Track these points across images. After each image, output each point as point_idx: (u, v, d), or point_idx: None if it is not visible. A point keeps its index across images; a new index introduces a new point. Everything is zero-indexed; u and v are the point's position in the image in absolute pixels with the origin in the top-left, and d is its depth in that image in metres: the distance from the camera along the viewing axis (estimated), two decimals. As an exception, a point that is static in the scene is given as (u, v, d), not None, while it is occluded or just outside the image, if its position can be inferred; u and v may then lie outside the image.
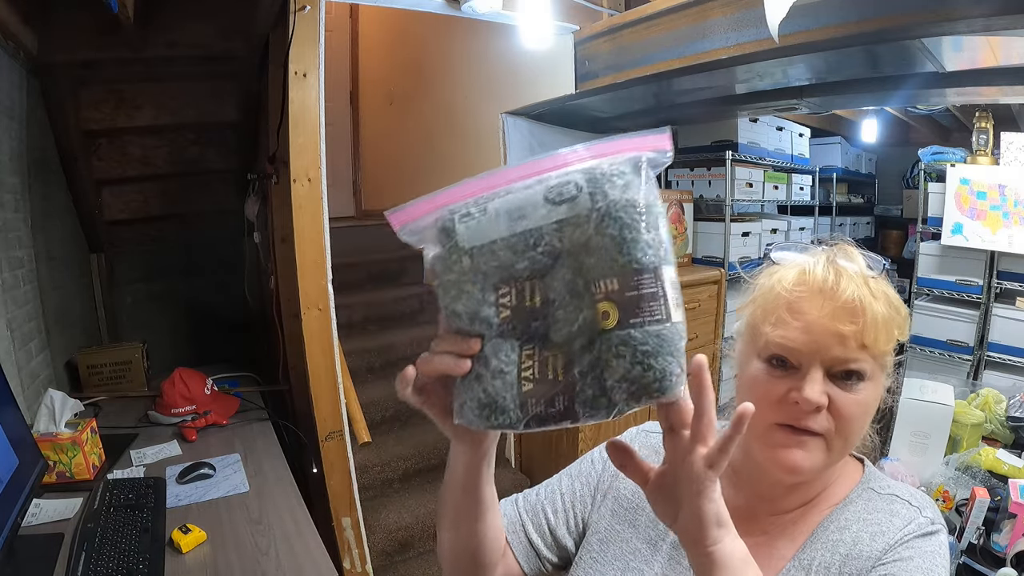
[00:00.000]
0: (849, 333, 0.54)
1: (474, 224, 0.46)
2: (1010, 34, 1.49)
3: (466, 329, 0.47)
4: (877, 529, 0.58)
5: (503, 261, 0.46)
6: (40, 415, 1.37)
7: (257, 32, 1.91)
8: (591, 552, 0.68)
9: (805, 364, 0.55)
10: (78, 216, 2.40)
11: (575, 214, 0.44)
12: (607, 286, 0.43)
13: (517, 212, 0.45)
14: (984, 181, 2.72)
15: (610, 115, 2.74)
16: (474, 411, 0.47)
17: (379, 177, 3.95)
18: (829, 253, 0.59)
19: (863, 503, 0.61)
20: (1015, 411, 1.68)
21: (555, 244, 0.45)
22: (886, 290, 0.58)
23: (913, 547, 0.56)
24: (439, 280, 0.48)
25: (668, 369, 0.42)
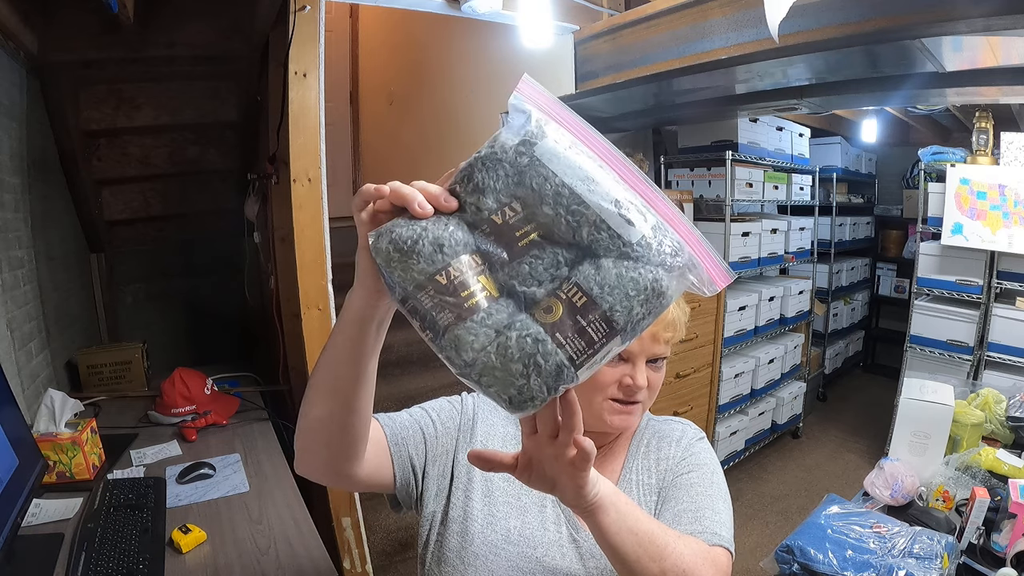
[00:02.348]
0: (669, 339, 0.77)
1: (557, 149, 0.47)
2: (1010, 34, 1.49)
3: (459, 193, 0.48)
4: (668, 440, 0.85)
5: (541, 191, 0.46)
6: (40, 415, 1.37)
7: (257, 32, 1.91)
8: (475, 491, 0.79)
9: (635, 358, 0.76)
10: (78, 216, 2.40)
11: (619, 234, 0.45)
12: (576, 296, 0.45)
13: (588, 180, 0.46)
14: (984, 181, 2.72)
15: (610, 115, 2.74)
16: (390, 244, 0.46)
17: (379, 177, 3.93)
18: None
19: (653, 427, 0.88)
20: (1015, 411, 1.67)
21: (582, 231, 0.46)
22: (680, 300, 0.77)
23: (695, 447, 0.84)
24: (489, 149, 0.48)
25: (534, 393, 0.44)
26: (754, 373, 3.13)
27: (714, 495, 0.78)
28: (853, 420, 3.88)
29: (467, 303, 0.45)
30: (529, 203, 0.47)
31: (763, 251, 3.13)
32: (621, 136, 3.11)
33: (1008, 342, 2.71)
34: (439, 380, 2.81)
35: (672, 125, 3.31)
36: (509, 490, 0.79)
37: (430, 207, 0.47)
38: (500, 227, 0.47)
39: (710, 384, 2.90)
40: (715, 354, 2.89)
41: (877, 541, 1.26)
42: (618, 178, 0.47)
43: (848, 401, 4.27)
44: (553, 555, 0.76)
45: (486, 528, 0.77)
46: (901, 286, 4.65)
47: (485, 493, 0.79)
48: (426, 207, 0.47)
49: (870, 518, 1.36)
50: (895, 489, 1.47)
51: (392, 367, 2.89)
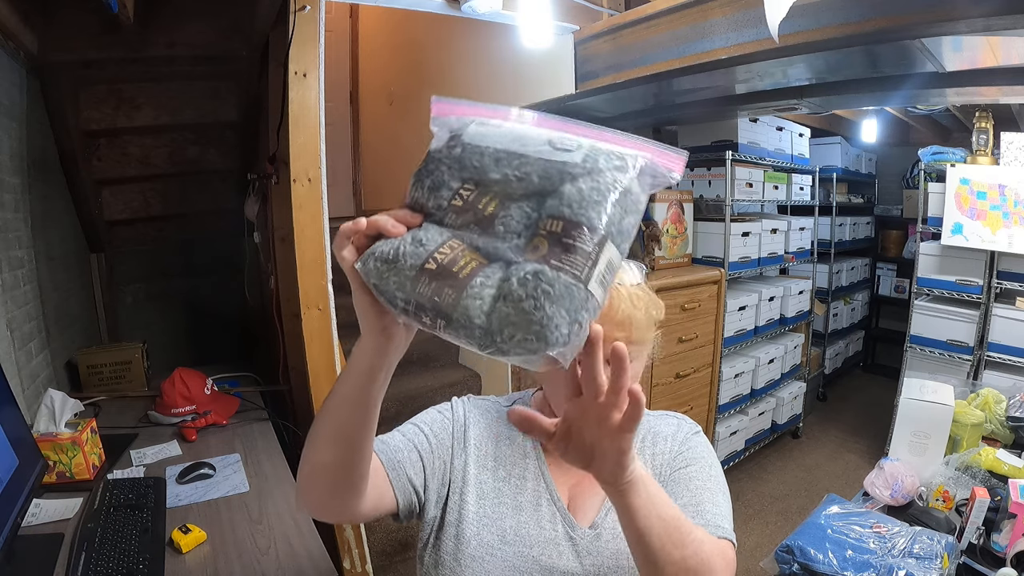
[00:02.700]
0: (621, 338, 0.71)
1: (483, 129, 0.51)
2: (1010, 34, 1.49)
3: (421, 202, 0.51)
4: (663, 436, 0.83)
5: (483, 164, 0.50)
6: (40, 415, 1.37)
7: (257, 32, 1.91)
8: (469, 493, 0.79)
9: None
10: (78, 216, 2.40)
11: (563, 161, 0.48)
12: (553, 225, 0.47)
13: (519, 139, 0.50)
14: (984, 181, 2.72)
15: (610, 115, 2.74)
16: (377, 260, 0.49)
17: (379, 177, 3.95)
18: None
19: (648, 423, 0.85)
20: (1015, 411, 1.67)
21: (532, 178, 0.48)
22: (647, 295, 0.77)
23: (691, 441, 0.83)
24: (427, 158, 0.52)
25: (556, 321, 0.44)
26: (754, 373, 3.13)
27: (714, 488, 0.78)
28: (853, 420, 3.88)
29: (462, 274, 0.47)
30: (478, 179, 0.50)
31: (763, 251, 3.13)
32: (621, 136, 3.11)
33: (1008, 342, 2.71)
34: (439, 380, 2.81)
35: (672, 125, 3.31)
36: (504, 490, 0.80)
37: (401, 225, 0.51)
38: (463, 208, 0.50)
39: (710, 384, 2.90)
40: (715, 354, 2.89)
41: (877, 541, 1.26)
42: (545, 128, 0.51)
43: (848, 401, 4.27)
44: (550, 553, 0.76)
45: (481, 529, 0.77)
46: (901, 286, 4.65)
47: (479, 495, 0.79)
48: (398, 226, 0.50)
49: (870, 518, 1.36)
50: (895, 489, 1.47)
51: (392, 367, 2.89)
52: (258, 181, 2.17)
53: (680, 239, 2.95)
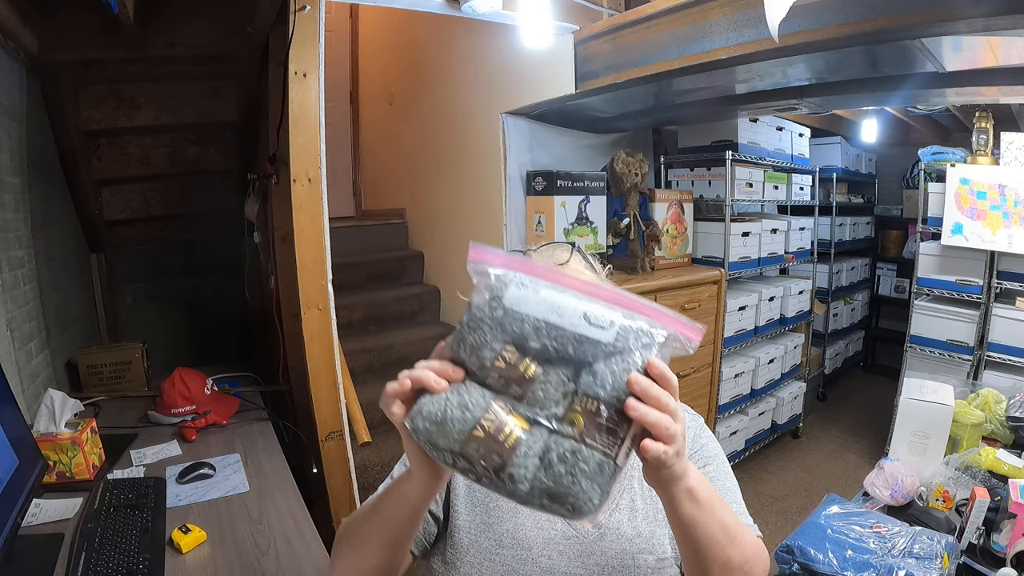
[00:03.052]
0: None
1: (522, 293, 0.55)
2: (1010, 34, 1.49)
3: (461, 359, 0.55)
4: None
5: (523, 332, 0.54)
6: (40, 415, 1.37)
7: (257, 32, 1.91)
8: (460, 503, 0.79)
9: None
10: (78, 216, 2.41)
11: (597, 340, 0.53)
12: (588, 404, 0.52)
13: (557, 310, 0.54)
14: (984, 181, 2.72)
15: (610, 115, 2.73)
16: (424, 420, 0.53)
17: (379, 177, 3.95)
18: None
19: None
20: (1015, 411, 1.67)
21: (568, 350, 0.53)
22: (580, 270, 0.77)
23: (702, 438, 0.83)
24: (470, 314, 0.56)
25: (589, 495, 0.50)
26: (754, 373, 3.13)
27: (731, 487, 0.79)
28: (853, 420, 3.88)
29: (507, 443, 0.51)
30: (518, 343, 0.54)
31: (763, 251, 3.13)
32: (621, 136, 3.11)
33: (1008, 342, 2.71)
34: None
35: (672, 125, 3.31)
36: (499, 504, 0.78)
37: (444, 380, 0.54)
38: (505, 371, 0.54)
39: (710, 384, 2.90)
40: (715, 354, 2.89)
41: (877, 541, 1.26)
42: (578, 294, 0.55)
43: (848, 401, 4.27)
44: (550, 554, 0.75)
45: (478, 536, 0.76)
46: (901, 286, 4.65)
47: (471, 504, 0.79)
48: (441, 382, 0.54)
49: (870, 518, 1.36)
50: (895, 489, 1.47)
51: (392, 367, 2.89)
52: (258, 181, 2.17)
53: (680, 239, 2.95)
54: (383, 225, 3.58)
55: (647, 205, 2.77)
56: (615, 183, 2.66)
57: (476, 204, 2.77)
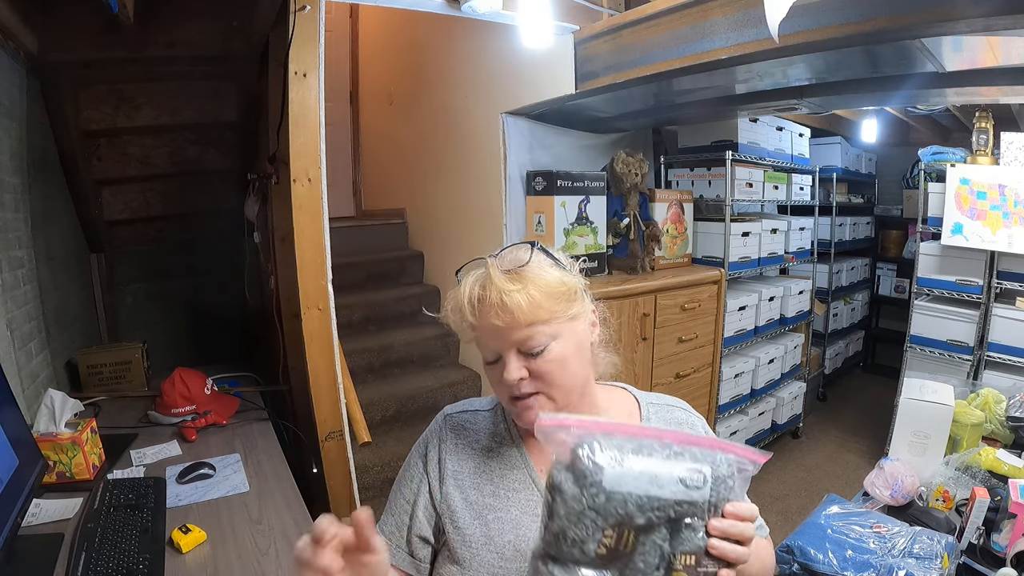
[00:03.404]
0: (508, 323, 0.70)
1: (618, 471, 0.55)
2: (1010, 34, 1.49)
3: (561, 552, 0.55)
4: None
5: (628, 511, 0.54)
6: (40, 415, 1.37)
7: (257, 32, 1.91)
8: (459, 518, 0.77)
9: (503, 355, 0.72)
10: (78, 216, 2.41)
11: (694, 500, 0.55)
12: (688, 560, 0.55)
13: (656, 480, 0.55)
14: (984, 181, 2.72)
15: (610, 115, 2.73)
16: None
17: (379, 177, 3.95)
18: (486, 267, 0.73)
19: (656, 417, 0.84)
20: (1015, 411, 1.67)
21: (670, 514, 0.55)
22: (536, 273, 0.73)
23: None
24: (566, 507, 0.54)
25: None
26: (754, 373, 3.13)
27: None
28: (853, 420, 3.88)
29: None
30: (621, 522, 0.54)
31: (763, 251, 3.13)
32: (621, 136, 3.11)
33: (1008, 342, 2.71)
34: (439, 380, 2.81)
35: (672, 125, 3.31)
36: (496, 506, 0.77)
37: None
38: (606, 555, 0.55)
39: (710, 384, 2.90)
40: (715, 354, 2.89)
41: (877, 541, 1.26)
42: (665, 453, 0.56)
43: (848, 401, 4.27)
44: None
45: (479, 550, 0.75)
46: (901, 286, 4.65)
47: (474, 516, 0.77)
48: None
49: (870, 518, 1.36)
50: (895, 489, 1.47)
51: (392, 367, 2.89)
52: (258, 181, 2.17)
53: (680, 239, 2.95)
54: (383, 225, 3.58)
55: (647, 205, 2.77)
56: (615, 183, 2.66)
57: (476, 204, 2.77)
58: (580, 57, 2.18)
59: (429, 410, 2.76)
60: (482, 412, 0.86)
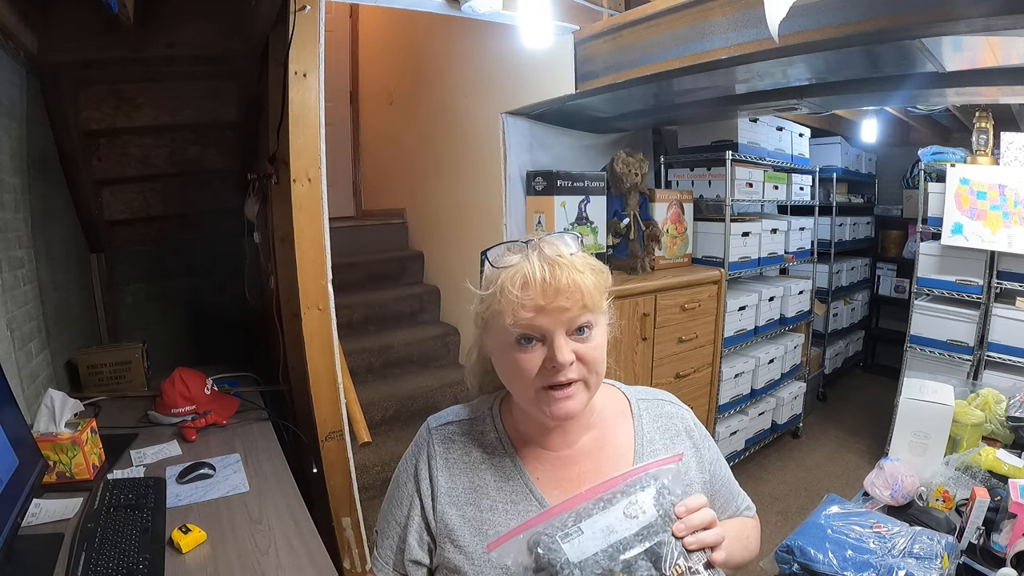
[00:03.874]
0: (572, 305, 0.70)
1: (577, 542, 0.61)
2: (1010, 34, 1.49)
3: None
4: (672, 432, 0.84)
5: (606, 567, 0.60)
6: (40, 415, 1.37)
7: (257, 32, 1.91)
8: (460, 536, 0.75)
9: (549, 335, 0.70)
10: (78, 216, 2.40)
11: (648, 523, 0.62)
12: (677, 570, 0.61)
13: (609, 528, 0.61)
14: (984, 181, 2.72)
15: (610, 115, 2.73)
16: None
17: (379, 177, 3.95)
18: (538, 249, 0.72)
19: (647, 414, 0.85)
20: (1015, 411, 1.67)
21: (639, 547, 0.61)
22: (589, 262, 0.74)
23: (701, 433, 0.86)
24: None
25: None
26: (754, 373, 3.13)
27: (729, 477, 0.88)
28: (853, 420, 3.88)
29: None
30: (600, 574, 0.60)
31: (763, 251, 3.13)
32: (621, 136, 3.11)
33: (1008, 342, 2.71)
34: (439, 380, 2.81)
35: (672, 125, 3.31)
36: (494, 520, 0.75)
37: None
38: None
39: (710, 384, 2.90)
40: (715, 354, 2.89)
41: (877, 541, 1.26)
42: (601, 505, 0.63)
43: (848, 401, 4.27)
44: None
45: (485, 565, 0.73)
46: (901, 286, 4.64)
47: (473, 532, 0.75)
48: None
49: (870, 518, 1.36)
50: (895, 489, 1.47)
51: (392, 367, 2.89)
52: (258, 181, 2.17)
53: (680, 239, 2.95)
54: (383, 225, 3.58)
55: (647, 205, 2.77)
56: (615, 183, 2.66)
57: (476, 204, 2.77)
58: (580, 57, 2.18)
59: (429, 410, 2.74)
60: (469, 421, 0.84)
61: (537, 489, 0.77)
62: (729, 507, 0.87)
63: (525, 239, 0.75)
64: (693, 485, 0.80)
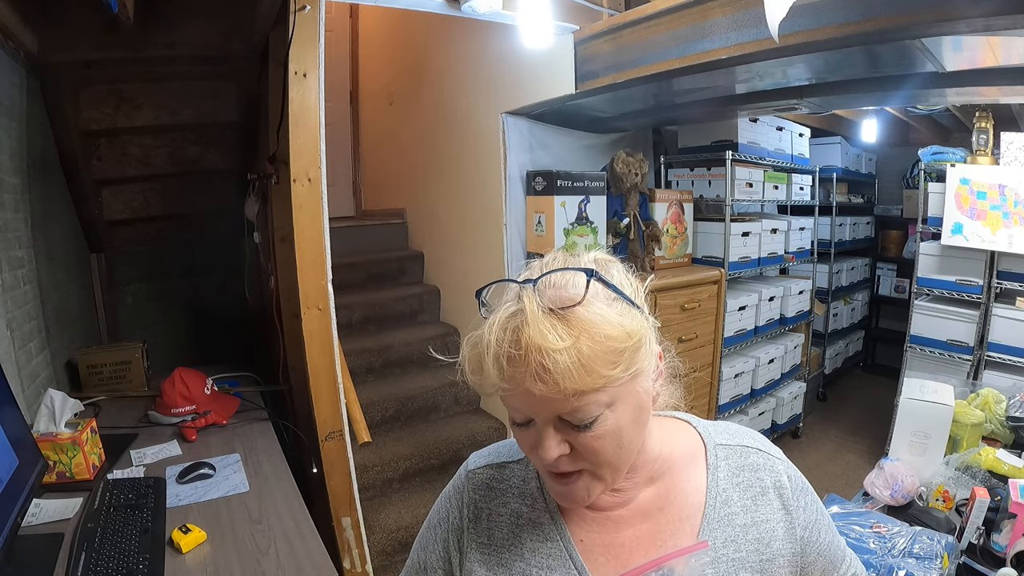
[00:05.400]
0: (547, 392, 0.52)
1: None
2: (1010, 34, 1.49)
3: None
4: (756, 490, 0.66)
5: None
6: (40, 415, 1.37)
7: (257, 32, 1.91)
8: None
9: (537, 423, 0.56)
10: (78, 216, 2.40)
11: None
12: None
13: None
14: (984, 181, 2.72)
15: (610, 115, 2.73)
16: None
17: (379, 177, 3.95)
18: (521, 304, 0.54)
19: (725, 464, 0.68)
20: (1015, 411, 1.67)
21: None
22: (592, 319, 0.53)
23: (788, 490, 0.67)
24: None
25: None
26: (754, 373, 3.13)
27: (834, 532, 0.71)
28: (853, 420, 3.88)
29: None
30: None
31: (763, 251, 3.13)
32: (621, 136, 3.11)
33: (1008, 342, 2.71)
34: (439, 380, 2.81)
35: (672, 125, 3.31)
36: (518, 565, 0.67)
37: None
38: None
39: (710, 384, 2.90)
40: (715, 354, 2.89)
41: (877, 541, 1.26)
42: None
43: (848, 401, 4.27)
44: None
45: None
46: (901, 286, 4.65)
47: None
48: None
49: (870, 518, 1.36)
50: (895, 489, 1.47)
51: (392, 367, 2.89)
52: (258, 181, 2.17)
53: (680, 239, 2.95)
54: (383, 225, 3.58)
55: (647, 205, 2.77)
56: (615, 183, 2.66)
57: (476, 204, 2.77)
58: (580, 57, 2.18)
59: (429, 410, 2.76)
60: (511, 465, 0.72)
61: (578, 556, 0.65)
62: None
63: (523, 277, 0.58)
64: (776, 559, 0.64)
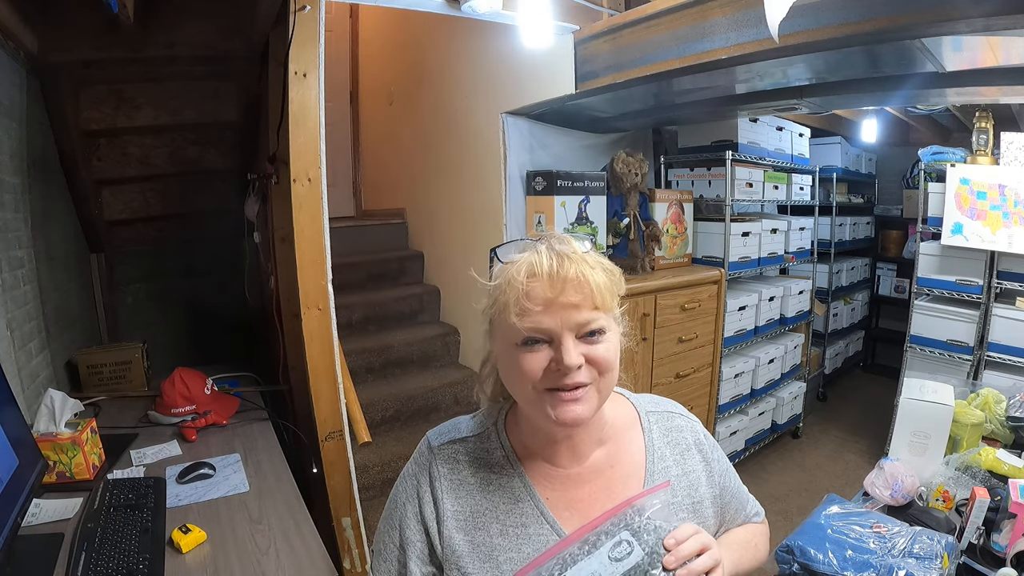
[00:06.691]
0: (581, 302, 0.66)
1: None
2: (1010, 34, 1.49)
3: None
4: (683, 447, 0.81)
5: None
6: (40, 415, 1.37)
7: (257, 32, 1.91)
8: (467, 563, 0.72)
9: (556, 336, 0.66)
10: (78, 216, 2.41)
11: (637, 563, 0.63)
12: None
13: (596, 574, 0.62)
14: (984, 181, 2.72)
15: (610, 115, 2.73)
16: None
17: (379, 177, 3.95)
18: (547, 243, 0.69)
19: (657, 428, 0.82)
20: (1015, 411, 1.67)
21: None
22: (600, 260, 0.70)
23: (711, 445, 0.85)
24: None
25: None
26: (754, 373, 3.13)
27: (738, 486, 0.87)
28: (853, 420, 3.88)
29: None
30: None
31: (763, 251, 3.13)
32: (621, 136, 3.11)
33: (1008, 342, 2.71)
34: (439, 380, 2.81)
35: (672, 125, 3.31)
36: (504, 545, 0.72)
37: None
38: None
39: (710, 384, 2.90)
40: (715, 354, 2.89)
41: (877, 541, 1.26)
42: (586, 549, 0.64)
43: (848, 401, 4.27)
44: None
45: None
46: (901, 286, 4.65)
47: (482, 559, 0.72)
48: None
49: (870, 518, 1.36)
50: (895, 489, 1.47)
51: (392, 367, 2.89)
52: (258, 181, 2.17)
53: (680, 239, 2.95)
54: (383, 225, 3.58)
55: (647, 205, 2.77)
56: (615, 183, 2.66)
57: (476, 204, 2.77)
58: (580, 57, 2.18)
59: (429, 410, 2.76)
60: (471, 439, 0.79)
61: (549, 511, 0.73)
62: (739, 516, 0.87)
63: (536, 238, 0.72)
64: (703, 501, 0.79)
